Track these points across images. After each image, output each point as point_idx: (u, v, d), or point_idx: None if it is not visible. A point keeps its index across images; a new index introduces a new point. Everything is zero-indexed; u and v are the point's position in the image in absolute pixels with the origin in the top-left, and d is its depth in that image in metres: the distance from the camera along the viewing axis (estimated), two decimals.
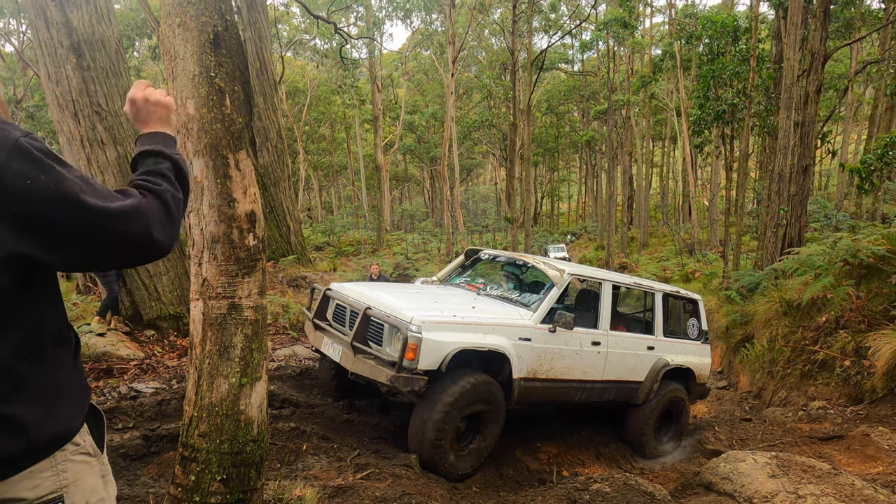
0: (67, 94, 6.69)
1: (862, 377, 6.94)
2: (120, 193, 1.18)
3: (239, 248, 2.61)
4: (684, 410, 6.17)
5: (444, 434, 4.17)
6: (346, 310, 4.87)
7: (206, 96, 2.52)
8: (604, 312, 5.37)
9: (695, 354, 6.29)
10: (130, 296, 7.11)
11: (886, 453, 5.14)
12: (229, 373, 2.61)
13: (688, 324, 6.46)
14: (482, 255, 6.38)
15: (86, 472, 1.23)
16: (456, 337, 4.22)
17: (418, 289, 5.63)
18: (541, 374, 4.80)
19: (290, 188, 15.15)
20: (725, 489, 4.20)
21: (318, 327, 5.01)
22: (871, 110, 22.17)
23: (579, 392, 5.21)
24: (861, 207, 20.04)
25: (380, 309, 4.38)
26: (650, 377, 5.69)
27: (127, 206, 1.14)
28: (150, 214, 1.19)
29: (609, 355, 5.34)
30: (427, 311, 4.34)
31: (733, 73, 13.90)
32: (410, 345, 3.97)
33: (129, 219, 1.14)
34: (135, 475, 3.63)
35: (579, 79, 39.56)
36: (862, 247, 8.02)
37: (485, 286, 5.83)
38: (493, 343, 4.40)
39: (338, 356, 4.57)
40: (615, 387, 5.50)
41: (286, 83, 32.79)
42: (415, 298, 4.84)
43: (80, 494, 1.20)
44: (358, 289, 5.02)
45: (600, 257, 26.55)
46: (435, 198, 44.77)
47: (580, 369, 5.11)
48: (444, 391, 4.16)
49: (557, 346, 4.87)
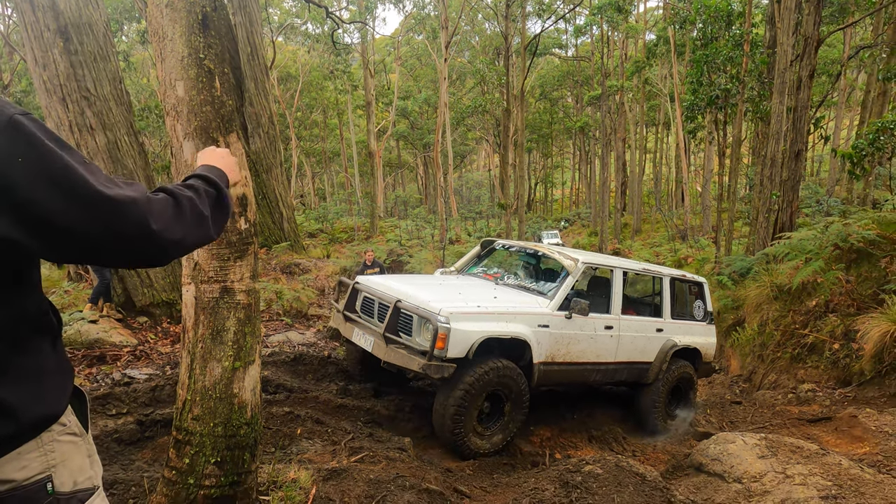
0: (55, 79, 6.60)
1: (850, 360, 7.03)
2: (127, 185, 1.12)
3: (230, 232, 2.60)
4: (693, 386, 6.45)
5: (464, 415, 4.43)
6: (374, 302, 5.11)
7: (195, 78, 2.49)
8: (615, 298, 5.64)
9: (701, 335, 6.55)
10: (122, 283, 7.07)
11: (873, 434, 5.23)
12: (222, 356, 2.61)
13: (694, 306, 6.69)
14: (497, 245, 6.60)
15: (73, 452, 1.22)
16: (481, 326, 4.49)
17: (440, 280, 5.85)
18: (558, 357, 5.09)
19: (282, 175, 15.06)
20: (715, 470, 4.26)
21: (349, 319, 5.24)
22: (863, 95, 22.21)
23: (594, 373, 5.53)
24: (852, 193, 20.14)
25: (409, 301, 4.62)
26: (659, 357, 5.98)
27: (127, 196, 1.08)
28: (154, 209, 1.12)
29: (621, 338, 5.63)
30: (453, 302, 4.57)
31: (727, 57, 13.87)
32: (440, 335, 4.24)
33: (126, 208, 1.07)
34: (129, 460, 3.65)
35: (573, 64, 39.39)
36: (852, 231, 8.09)
37: (502, 276, 6.09)
38: (514, 331, 4.68)
39: (369, 346, 4.79)
40: (627, 368, 5.80)
41: (277, 68, 32.47)
42: (440, 290, 5.06)
43: (67, 474, 1.20)
44: (385, 282, 5.28)
45: (593, 243, 26.64)
46: (428, 184, 44.66)
47: (594, 352, 5.40)
48: (465, 376, 4.41)
49: (573, 331, 5.16)
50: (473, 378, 4.44)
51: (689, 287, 6.73)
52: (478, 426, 4.66)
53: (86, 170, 1.05)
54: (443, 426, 4.50)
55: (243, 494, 2.71)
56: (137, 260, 1.18)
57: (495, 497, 3.92)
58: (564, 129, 44.28)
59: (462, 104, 38.39)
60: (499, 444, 4.77)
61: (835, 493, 3.66)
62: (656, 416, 5.98)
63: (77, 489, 1.21)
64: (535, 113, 43.24)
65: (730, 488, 4.02)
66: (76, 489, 1.21)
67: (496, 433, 4.76)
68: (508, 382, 4.68)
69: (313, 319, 9.43)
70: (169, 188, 1.23)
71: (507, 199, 21.54)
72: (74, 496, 1.20)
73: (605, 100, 25.33)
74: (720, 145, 16.85)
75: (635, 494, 3.62)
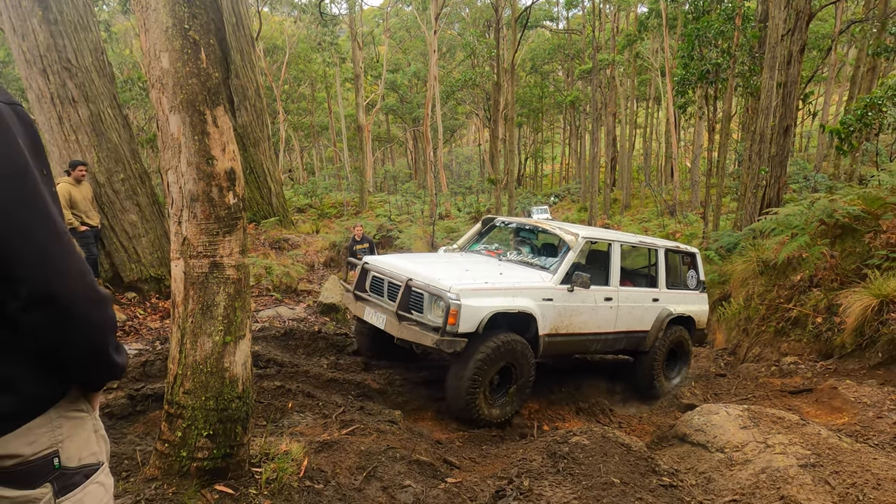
0: (34, 49, 6.43)
1: (832, 333, 7.16)
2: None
3: (219, 207, 2.58)
4: (688, 349, 6.86)
5: (476, 387, 4.69)
6: (383, 281, 5.27)
7: (180, 49, 2.44)
8: (614, 270, 5.90)
9: (694, 303, 6.92)
10: (109, 258, 7.02)
11: (852, 405, 5.36)
12: (213, 331, 2.62)
13: (687, 275, 7.03)
14: (498, 222, 6.77)
15: (79, 428, 1.23)
16: (490, 301, 4.72)
17: (446, 258, 5.99)
18: (562, 329, 5.36)
19: (270, 149, 14.88)
20: (699, 440, 4.36)
21: (360, 298, 5.43)
22: (853, 71, 22.22)
23: (595, 343, 5.82)
24: (839, 169, 20.28)
25: (420, 280, 4.81)
26: (656, 326, 6.30)
27: (82, 259, 1.06)
28: (89, 284, 1.09)
29: (620, 309, 5.92)
30: (462, 279, 4.78)
31: (718, 31, 13.77)
32: (452, 311, 4.45)
33: (79, 263, 1.05)
34: (121, 434, 3.67)
35: (564, 37, 38.93)
36: (838, 207, 8.17)
37: (504, 252, 6.28)
38: (521, 305, 4.92)
39: (382, 324, 4.99)
40: (625, 336, 6.11)
41: (264, 40, 31.81)
42: (449, 268, 5.25)
43: (74, 449, 1.21)
44: (393, 261, 5.47)
45: (583, 219, 26.71)
46: (418, 159, 44.34)
47: (595, 323, 5.68)
48: (477, 350, 4.65)
49: (575, 303, 5.42)
50: (485, 351, 4.66)
51: (682, 257, 7.02)
52: (489, 396, 4.90)
53: (49, 195, 1.02)
54: (457, 398, 4.72)
55: (236, 466, 2.75)
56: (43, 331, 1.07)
57: (484, 467, 4.00)
58: (555, 103, 43.92)
59: (452, 78, 37.91)
60: (509, 413, 5.02)
61: (813, 461, 3.77)
62: (656, 378, 6.35)
63: (82, 465, 1.23)
64: (526, 87, 42.82)
65: (712, 458, 4.12)
66: (81, 465, 1.22)
67: (506, 403, 5.01)
68: (517, 355, 4.91)
69: (303, 295, 9.44)
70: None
71: (496, 175, 21.48)
72: (80, 471, 1.22)
73: (595, 74, 25.15)
74: (710, 121, 16.85)
75: (620, 464, 3.71)
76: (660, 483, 3.64)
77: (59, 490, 1.17)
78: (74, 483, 1.20)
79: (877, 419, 4.97)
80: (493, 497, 3.39)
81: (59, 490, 1.17)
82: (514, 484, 3.51)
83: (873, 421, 4.94)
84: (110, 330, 1.19)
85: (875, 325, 6.54)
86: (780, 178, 10.68)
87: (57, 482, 1.17)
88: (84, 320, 1.10)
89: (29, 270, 1.00)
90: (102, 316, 1.15)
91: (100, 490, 1.27)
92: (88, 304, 1.10)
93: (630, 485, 3.49)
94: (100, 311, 1.14)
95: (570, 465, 3.64)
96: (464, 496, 3.26)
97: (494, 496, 3.40)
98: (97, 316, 1.13)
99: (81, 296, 1.09)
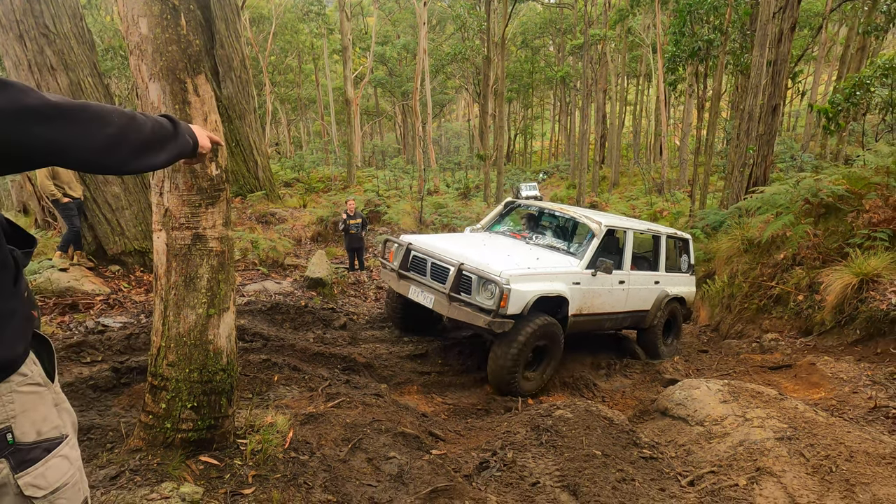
0: (10, 14, 6.22)
1: (813, 311, 7.29)
2: None
3: (201, 178, 2.54)
4: (680, 318, 7.54)
5: (518, 364, 5.09)
6: (426, 262, 5.53)
7: (159, 14, 2.37)
8: (627, 255, 6.39)
9: (685, 285, 7.57)
10: (93, 230, 6.92)
11: (829, 380, 5.49)
12: (196, 303, 2.60)
13: (681, 259, 7.59)
14: (520, 205, 7.16)
15: (36, 402, 1.20)
16: (534, 286, 5.11)
17: (483, 240, 6.29)
18: (584, 310, 5.84)
19: (256, 121, 14.64)
20: (679, 414, 4.45)
21: (403, 276, 5.70)
22: (842, 50, 22.20)
23: (608, 321, 6.36)
24: (826, 149, 20.40)
25: (471, 265, 5.11)
26: (655, 306, 6.91)
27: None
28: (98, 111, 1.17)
29: (629, 291, 6.43)
30: (509, 265, 5.11)
31: (711, 7, 13.66)
32: (504, 295, 4.79)
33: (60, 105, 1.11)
34: (105, 406, 3.66)
35: (556, 11, 38.44)
36: (823, 186, 8.24)
37: (530, 236, 6.69)
38: (558, 289, 5.35)
39: (430, 303, 5.32)
40: (631, 315, 6.67)
41: (249, 9, 31.07)
42: (493, 253, 5.58)
43: (29, 424, 1.18)
44: (437, 243, 5.70)
45: (571, 196, 26.73)
46: (407, 134, 43.93)
47: (610, 304, 6.20)
48: (521, 331, 5.03)
49: (597, 286, 5.90)
50: (528, 332, 5.04)
51: (677, 243, 7.57)
52: (526, 371, 5.32)
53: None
54: (501, 373, 5.09)
55: (221, 438, 2.76)
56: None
57: (469, 440, 4.05)
58: (545, 79, 43.57)
59: (442, 51, 37.40)
60: (540, 385, 5.47)
61: (789, 434, 3.86)
62: (658, 345, 7.07)
63: (41, 439, 1.21)
64: (516, 62, 42.37)
65: (692, 431, 4.21)
66: (40, 439, 1.20)
67: (538, 377, 5.45)
68: (551, 334, 5.35)
69: (290, 269, 9.40)
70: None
71: (486, 150, 21.37)
72: (38, 446, 1.20)
73: (587, 49, 24.90)
74: (700, 98, 16.81)
75: (603, 437, 3.78)
76: (640, 455, 3.72)
77: (16, 465, 1.15)
78: (34, 458, 1.18)
79: (852, 394, 5.09)
80: (477, 468, 3.44)
81: (17, 465, 1.15)
82: (497, 456, 3.56)
83: (849, 396, 5.07)
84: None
85: (854, 302, 6.66)
86: (767, 156, 10.72)
87: (13, 458, 1.15)
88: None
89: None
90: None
91: (63, 463, 1.25)
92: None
93: (611, 457, 3.56)
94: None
95: (553, 438, 3.70)
96: (448, 467, 3.31)
97: (478, 468, 3.45)
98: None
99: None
